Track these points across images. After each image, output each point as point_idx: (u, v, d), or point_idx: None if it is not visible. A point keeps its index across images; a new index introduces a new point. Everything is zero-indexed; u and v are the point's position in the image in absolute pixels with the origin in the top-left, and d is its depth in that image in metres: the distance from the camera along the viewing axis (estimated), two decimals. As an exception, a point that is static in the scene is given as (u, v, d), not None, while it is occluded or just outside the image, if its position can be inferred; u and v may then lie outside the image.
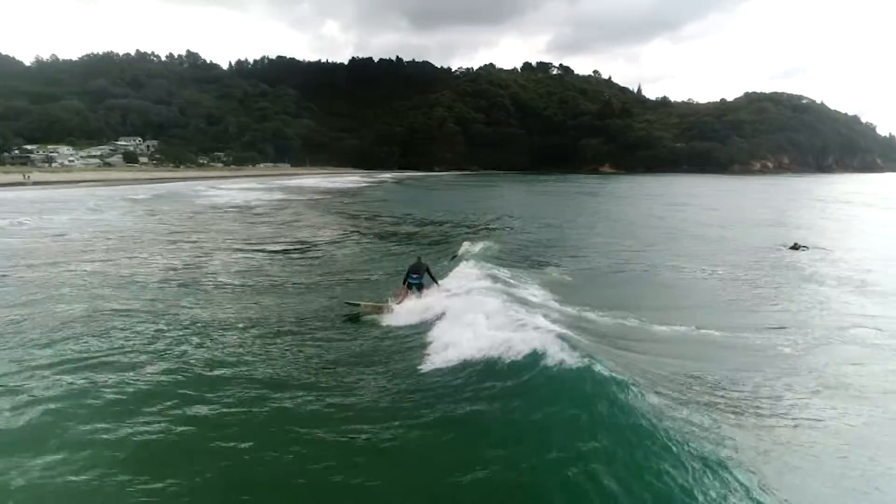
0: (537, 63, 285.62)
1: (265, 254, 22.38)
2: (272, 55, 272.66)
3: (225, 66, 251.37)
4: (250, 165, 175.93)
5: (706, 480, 5.29)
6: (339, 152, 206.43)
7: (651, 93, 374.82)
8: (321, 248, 24.52)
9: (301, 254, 22.83)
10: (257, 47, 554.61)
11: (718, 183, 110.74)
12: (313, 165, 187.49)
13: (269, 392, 8.44)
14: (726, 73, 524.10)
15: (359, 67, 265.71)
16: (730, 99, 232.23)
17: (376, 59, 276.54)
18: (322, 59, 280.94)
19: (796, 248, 24.91)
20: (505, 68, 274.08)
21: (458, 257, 20.21)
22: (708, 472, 5.43)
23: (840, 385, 9.16)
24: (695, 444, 5.85)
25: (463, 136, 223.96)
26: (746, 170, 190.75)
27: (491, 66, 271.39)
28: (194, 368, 9.32)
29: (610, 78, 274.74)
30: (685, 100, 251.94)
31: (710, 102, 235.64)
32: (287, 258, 21.52)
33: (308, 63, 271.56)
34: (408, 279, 14.37)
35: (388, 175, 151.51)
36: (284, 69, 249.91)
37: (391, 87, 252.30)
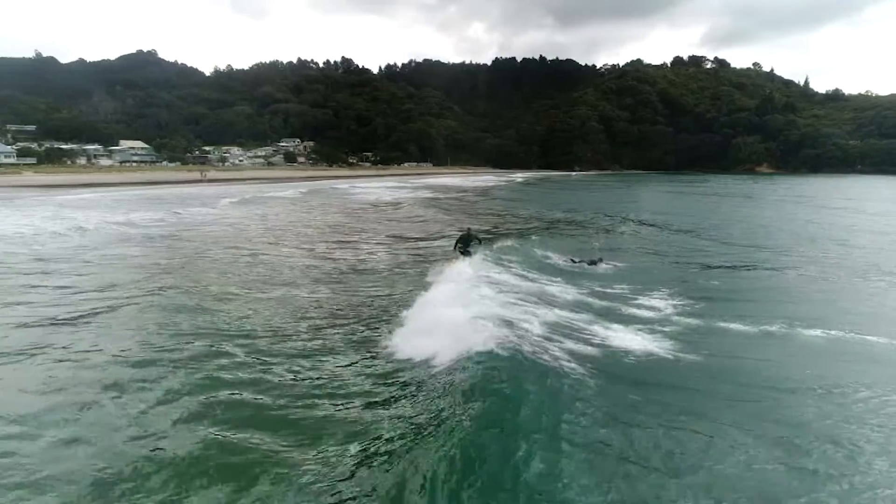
0: (689, 57, 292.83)
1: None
2: (419, 58, 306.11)
3: (375, 70, 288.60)
4: (395, 165, 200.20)
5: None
6: (479, 152, 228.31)
7: (820, 85, 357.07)
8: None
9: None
10: (405, 51, 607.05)
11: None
12: (454, 165, 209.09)
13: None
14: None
15: (501, 67, 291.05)
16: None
17: (519, 59, 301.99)
18: (466, 61, 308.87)
19: None
20: (653, 63, 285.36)
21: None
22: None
23: None
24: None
25: (605, 134, 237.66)
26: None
27: (638, 61, 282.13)
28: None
29: (772, 70, 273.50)
30: (862, 92, 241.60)
31: (893, 94, 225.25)
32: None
33: (452, 65, 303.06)
34: (457, 246, 18.88)
35: (521, 175, 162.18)
36: (429, 71, 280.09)
37: (533, 87, 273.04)
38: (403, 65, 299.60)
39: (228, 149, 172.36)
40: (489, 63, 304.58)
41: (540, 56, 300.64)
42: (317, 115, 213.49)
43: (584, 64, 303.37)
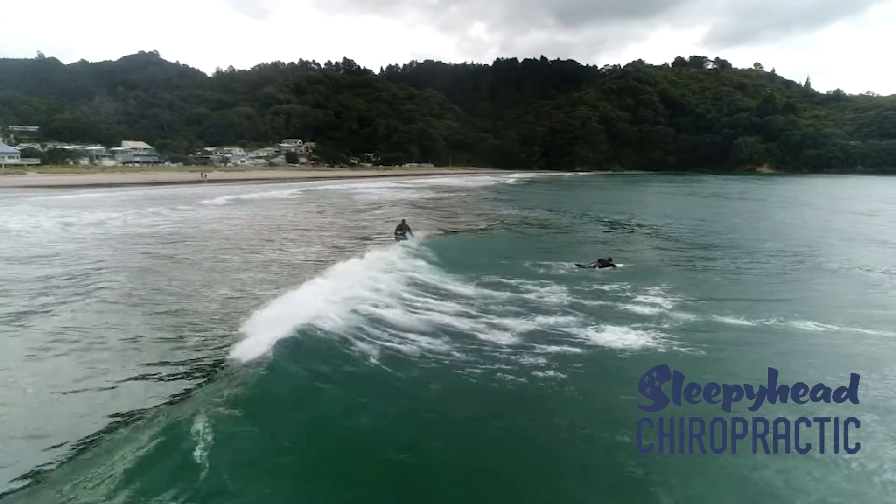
0: (690, 57, 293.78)
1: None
2: (420, 58, 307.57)
3: (377, 70, 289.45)
4: (397, 165, 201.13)
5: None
6: (481, 152, 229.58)
7: (822, 85, 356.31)
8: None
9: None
10: (406, 51, 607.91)
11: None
12: (455, 165, 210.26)
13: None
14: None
15: (502, 68, 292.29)
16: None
17: (520, 60, 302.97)
18: (467, 62, 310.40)
19: None
20: (654, 64, 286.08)
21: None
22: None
23: None
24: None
25: (606, 135, 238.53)
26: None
27: (639, 61, 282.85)
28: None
29: (773, 71, 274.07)
30: (863, 92, 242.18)
31: (894, 95, 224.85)
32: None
33: (454, 65, 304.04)
34: (396, 234, 23.18)
35: (518, 175, 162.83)
36: (431, 72, 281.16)
37: (534, 87, 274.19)
38: (405, 65, 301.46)
39: (230, 149, 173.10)
40: (490, 63, 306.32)
41: (541, 56, 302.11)
42: (318, 115, 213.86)
43: (585, 64, 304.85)
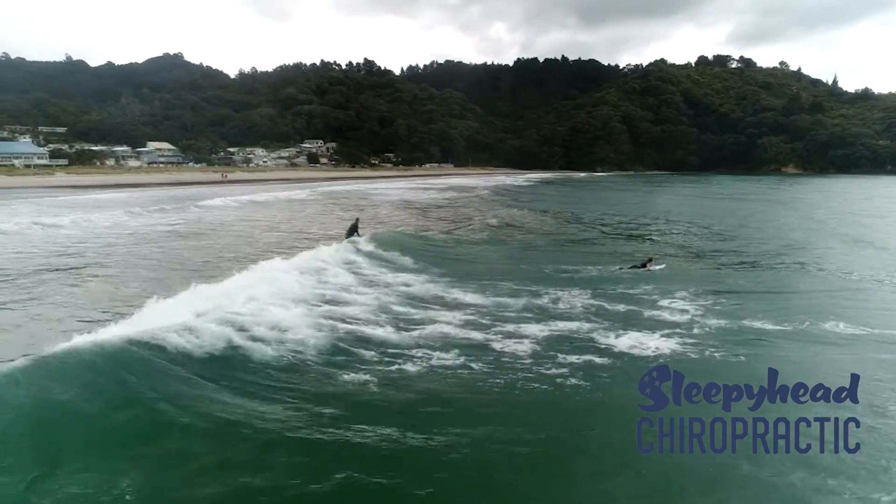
0: (714, 56, 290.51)
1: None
2: (440, 59, 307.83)
3: (397, 71, 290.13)
4: (417, 165, 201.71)
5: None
6: (500, 153, 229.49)
7: (850, 84, 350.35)
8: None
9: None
10: (426, 52, 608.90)
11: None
12: (475, 165, 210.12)
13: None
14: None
15: (523, 68, 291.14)
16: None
17: (541, 60, 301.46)
18: (487, 62, 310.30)
19: None
20: (677, 63, 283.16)
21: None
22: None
23: None
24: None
25: (628, 135, 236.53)
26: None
27: (662, 61, 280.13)
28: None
29: (799, 69, 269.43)
30: (892, 91, 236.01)
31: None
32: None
33: (474, 66, 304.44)
34: (347, 233, 23.90)
35: (532, 175, 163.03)
36: (451, 72, 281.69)
37: (555, 87, 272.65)
38: (425, 66, 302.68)
39: (252, 150, 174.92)
40: (511, 63, 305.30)
41: (562, 56, 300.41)
42: (339, 116, 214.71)
43: (606, 64, 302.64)
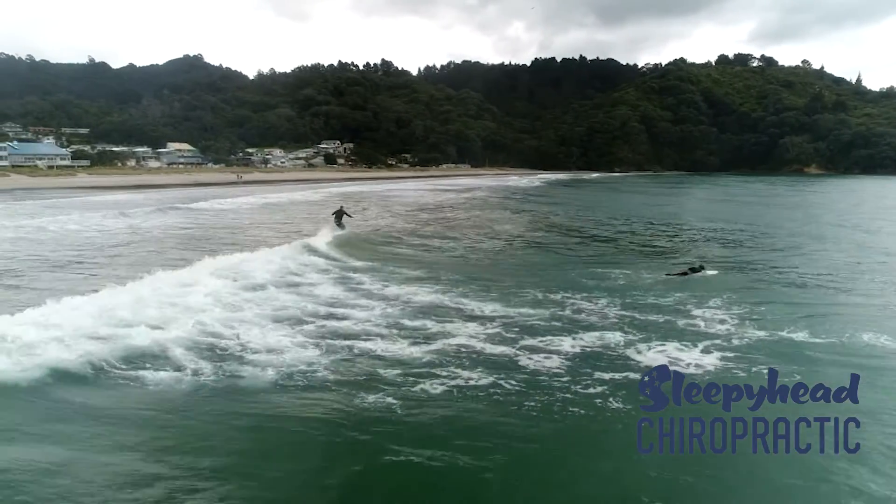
0: (735, 55, 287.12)
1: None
2: (458, 59, 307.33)
3: (414, 72, 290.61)
4: (434, 166, 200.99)
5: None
6: (518, 153, 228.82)
7: (874, 82, 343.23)
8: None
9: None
10: (444, 52, 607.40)
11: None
12: (492, 166, 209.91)
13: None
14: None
15: (540, 68, 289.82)
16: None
17: (559, 59, 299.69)
18: (505, 62, 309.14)
19: None
20: (697, 62, 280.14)
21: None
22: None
23: None
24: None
25: (647, 135, 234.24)
26: None
27: (681, 60, 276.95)
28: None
29: (822, 67, 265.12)
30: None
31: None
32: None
33: (491, 66, 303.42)
34: (333, 218, 27.76)
35: (551, 175, 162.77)
36: (468, 72, 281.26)
37: (573, 87, 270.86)
38: (442, 66, 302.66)
39: (271, 150, 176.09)
40: (528, 63, 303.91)
41: (580, 56, 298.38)
42: (356, 116, 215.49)
43: (625, 63, 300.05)
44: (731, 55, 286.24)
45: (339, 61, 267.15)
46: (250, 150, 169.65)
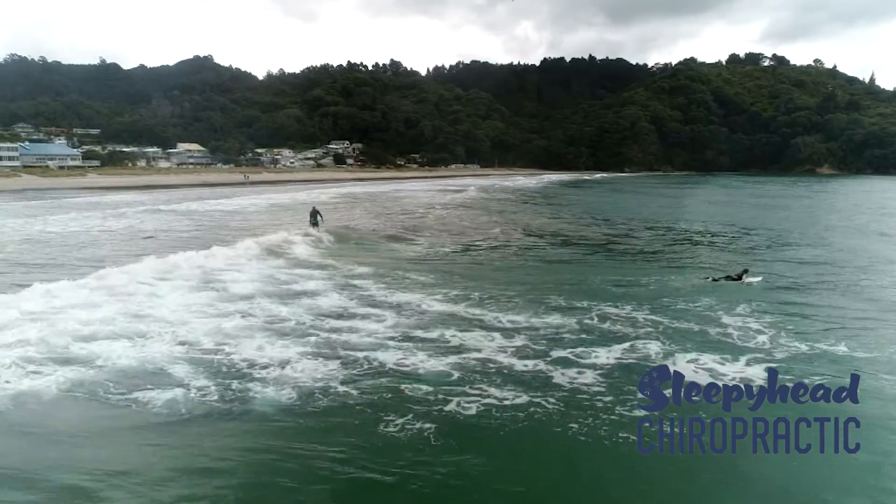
0: (746, 54, 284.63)
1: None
2: (466, 59, 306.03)
3: (423, 72, 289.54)
4: (443, 166, 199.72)
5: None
6: (527, 153, 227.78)
7: (888, 82, 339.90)
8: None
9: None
10: (452, 52, 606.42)
11: None
12: (501, 166, 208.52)
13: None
14: None
15: (549, 68, 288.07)
16: None
17: (568, 59, 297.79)
18: (514, 62, 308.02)
19: None
20: (707, 61, 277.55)
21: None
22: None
23: None
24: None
25: (657, 135, 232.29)
26: None
27: (691, 59, 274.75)
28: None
29: (834, 67, 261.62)
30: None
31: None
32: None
33: (500, 66, 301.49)
34: (310, 218, 27.97)
35: (552, 176, 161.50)
36: (477, 72, 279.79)
37: (582, 87, 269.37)
38: (451, 66, 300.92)
39: (280, 151, 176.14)
40: (538, 63, 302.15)
41: (589, 55, 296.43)
42: (365, 117, 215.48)
43: (635, 63, 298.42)
44: (742, 54, 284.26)
45: (348, 61, 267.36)
46: (259, 151, 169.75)
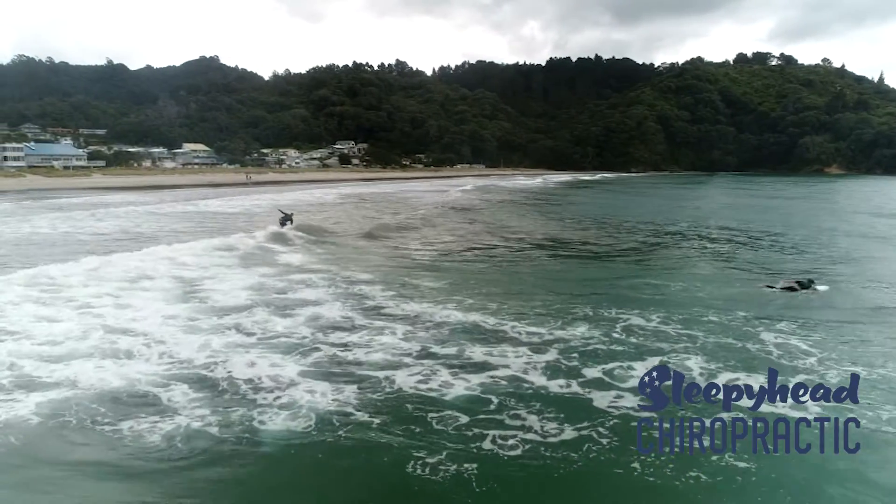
0: (753, 54, 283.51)
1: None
2: (472, 59, 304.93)
3: (429, 72, 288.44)
4: (448, 166, 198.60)
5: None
6: (533, 153, 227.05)
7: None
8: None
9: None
10: (458, 52, 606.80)
11: None
12: (507, 166, 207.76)
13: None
14: None
15: (556, 67, 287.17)
16: None
17: (574, 59, 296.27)
18: (519, 62, 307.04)
19: None
20: (715, 61, 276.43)
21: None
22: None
23: None
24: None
25: (664, 135, 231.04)
26: None
27: (698, 59, 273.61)
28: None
29: (843, 66, 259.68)
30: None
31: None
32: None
33: (505, 66, 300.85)
34: (281, 220, 27.69)
35: (554, 176, 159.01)
36: (483, 72, 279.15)
37: (588, 87, 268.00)
38: (457, 66, 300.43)
39: (285, 151, 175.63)
40: (544, 63, 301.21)
41: (596, 55, 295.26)
42: (371, 117, 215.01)
43: (641, 62, 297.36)
44: (749, 54, 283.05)
45: (354, 62, 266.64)
46: (265, 151, 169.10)
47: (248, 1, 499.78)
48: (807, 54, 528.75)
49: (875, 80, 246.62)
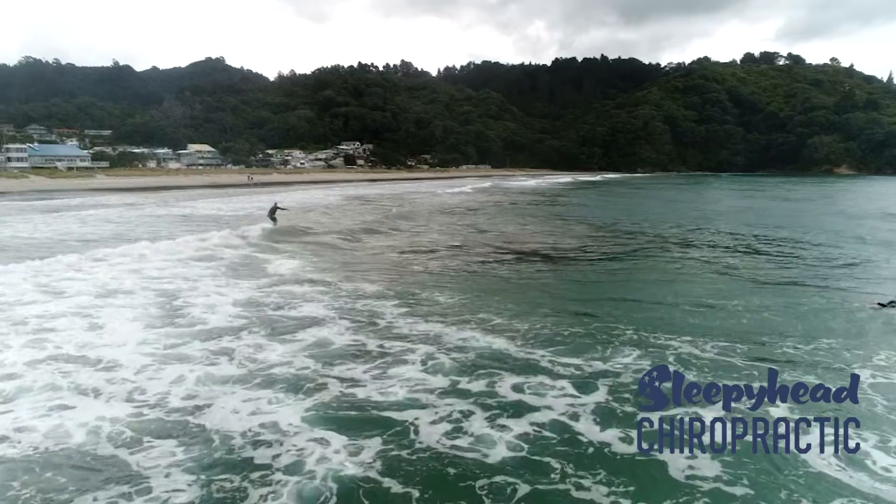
0: (761, 53, 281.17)
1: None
2: (478, 59, 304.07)
3: (434, 72, 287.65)
4: (453, 167, 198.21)
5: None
6: (538, 153, 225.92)
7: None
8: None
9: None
10: (463, 52, 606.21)
11: None
12: (513, 167, 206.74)
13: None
14: None
15: (561, 67, 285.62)
16: None
17: (580, 59, 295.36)
18: (525, 62, 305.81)
19: None
20: (722, 61, 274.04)
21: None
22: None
23: None
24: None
25: (670, 135, 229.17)
26: None
27: (705, 58, 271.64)
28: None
29: (851, 66, 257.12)
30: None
31: None
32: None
33: (511, 66, 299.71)
34: (269, 213, 28.66)
35: (561, 177, 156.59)
36: (488, 73, 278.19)
37: (594, 87, 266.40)
38: (462, 66, 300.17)
39: (290, 152, 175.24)
40: (549, 63, 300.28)
41: (601, 55, 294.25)
42: (376, 117, 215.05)
43: (647, 62, 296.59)
44: (756, 53, 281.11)
45: (359, 62, 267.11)
46: (270, 152, 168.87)
47: (253, 2, 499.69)
48: (815, 54, 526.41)
49: (885, 79, 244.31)
